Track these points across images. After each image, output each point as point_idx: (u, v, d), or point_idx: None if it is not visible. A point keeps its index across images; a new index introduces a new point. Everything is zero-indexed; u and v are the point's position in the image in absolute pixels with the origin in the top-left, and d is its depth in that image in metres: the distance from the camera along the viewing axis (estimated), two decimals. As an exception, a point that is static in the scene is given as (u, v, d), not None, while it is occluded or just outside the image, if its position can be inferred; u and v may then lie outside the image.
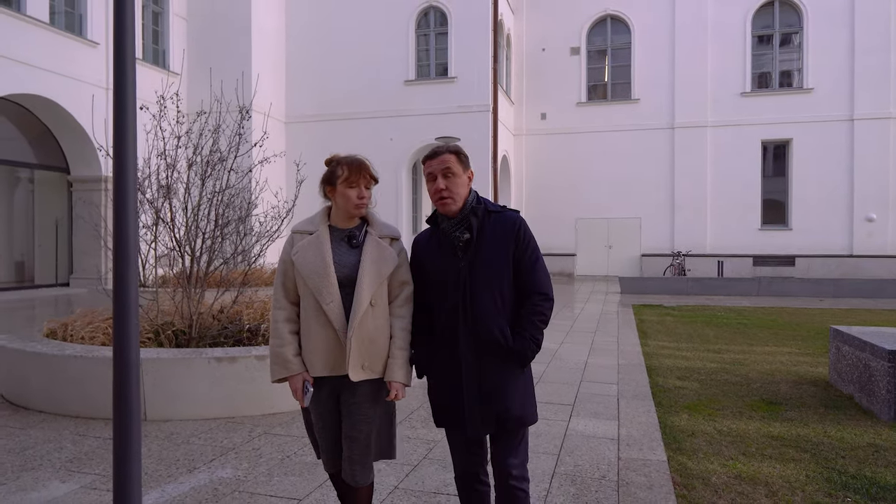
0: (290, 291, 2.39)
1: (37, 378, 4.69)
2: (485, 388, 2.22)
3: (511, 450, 2.28)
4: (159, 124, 6.40)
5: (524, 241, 2.27)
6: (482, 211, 2.30)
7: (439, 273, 2.29)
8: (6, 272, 15.85)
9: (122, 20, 3.09)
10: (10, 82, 13.74)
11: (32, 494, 3.17)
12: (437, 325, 2.31)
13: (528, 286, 2.26)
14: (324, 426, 2.39)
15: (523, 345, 2.21)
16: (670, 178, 21.09)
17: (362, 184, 2.36)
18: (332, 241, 2.37)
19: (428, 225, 2.42)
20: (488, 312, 2.21)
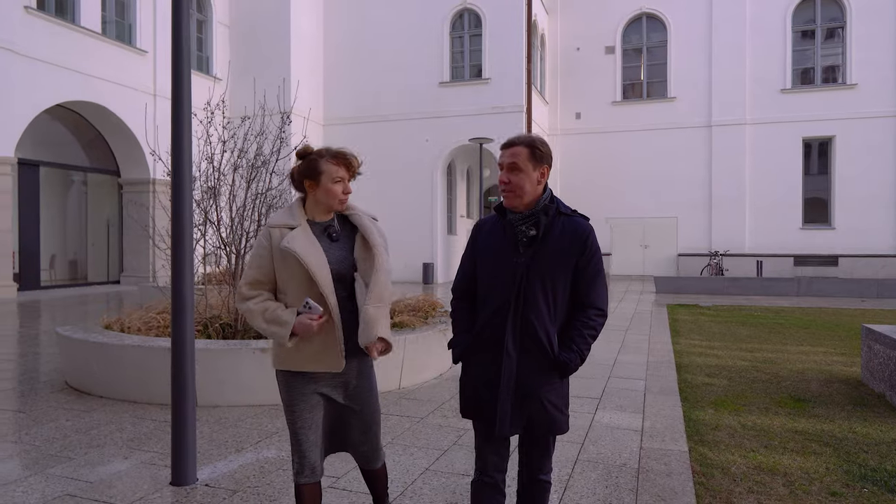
0: (265, 284, 2.31)
1: (98, 366, 5.09)
2: (521, 390, 2.17)
3: (540, 455, 2.28)
4: (206, 130, 6.78)
5: (590, 252, 2.18)
6: (553, 211, 2.20)
7: (495, 264, 2.22)
8: (61, 270, 16.70)
9: (178, 40, 3.42)
10: (65, 90, 14.51)
11: (99, 468, 3.51)
12: (482, 316, 2.23)
13: (585, 298, 2.19)
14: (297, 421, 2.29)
15: (569, 357, 2.14)
16: (707, 177, 20.85)
17: (348, 178, 2.33)
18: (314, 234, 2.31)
19: (494, 213, 2.33)
20: (540, 316, 2.14)
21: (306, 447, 2.29)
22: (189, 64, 3.54)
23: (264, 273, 2.29)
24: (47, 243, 15.86)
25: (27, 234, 14.79)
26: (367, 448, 2.44)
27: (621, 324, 10.00)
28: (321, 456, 2.35)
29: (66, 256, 16.99)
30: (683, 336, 8.83)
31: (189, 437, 3.35)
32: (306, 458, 2.28)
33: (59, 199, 16.91)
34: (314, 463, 2.30)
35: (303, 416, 2.29)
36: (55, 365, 6.30)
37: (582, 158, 22.12)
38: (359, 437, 2.42)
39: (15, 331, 8.93)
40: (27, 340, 8.07)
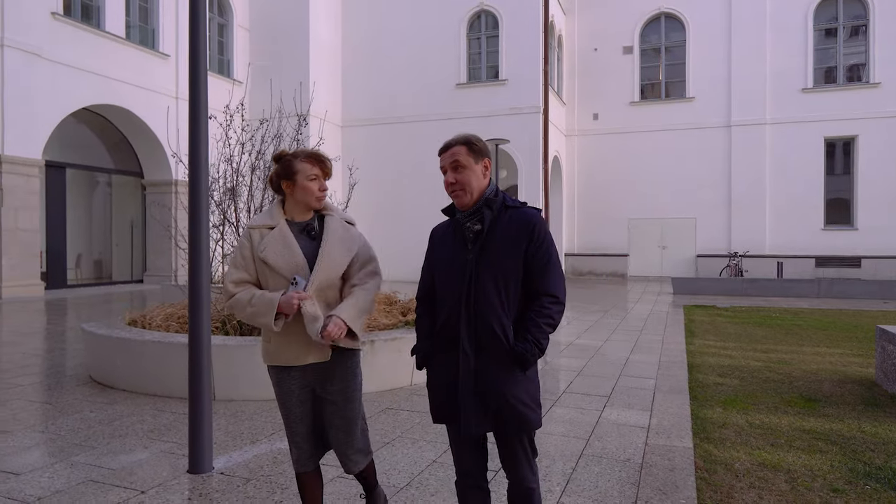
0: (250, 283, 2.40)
1: (120, 360, 5.27)
2: (482, 387, 2.12)
3: (516, 456, 2.20)
4: (226, 132, 6.96)
5: (538, 239, 2.15)
6: (498, 204, 2.21)
7: (447, 263, 2.24)
8: (87, 270, 17.11)
9: (196, 44, 3.56)
10: (91, 94, 14.88)
11: (121, 457, 3.67)
12: (440, 318, 2.22)
13: (538, 286, 2.15)
14: (290, 415, 2.41)
15: (524, 347, 2.10)
16: (727, 178, 20.67)
17: (322, 175, 2.40)
18: (293, 234, 2.39)
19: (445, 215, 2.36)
20: (491, 308, 2.11)
21: (299, 439, 2.42)
22: (206, 68, 3.68)
23: (249, 273, 2.39)
24: (73, 243, 16.26)
25: (54, 235, 15.19)
26: (349, 451, 2.45)
27: (636, 324, 10.00)
28: (316, 447, 2.47)
29: (91, 256, 17.40)
30: (698, 337, 8.82)
31: (205, 427, 3.49)
32: (301, 449, 2.42)
33: (85, 200, 17.33)
34: (309, 453, 2.43)
35: (293, 411, 2.40)
36: (80, 360, 6.51)
37: (599, 159, 22.07)
38: (342, 438, 2.44)
39: (42, 327, 9.21)
40: (54, 337, 8.33)
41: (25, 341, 7.86)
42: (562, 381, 5.88)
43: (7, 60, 12.77)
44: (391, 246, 16.13)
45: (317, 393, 2.42)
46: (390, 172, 19.24)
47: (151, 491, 3.18)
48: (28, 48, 13.16)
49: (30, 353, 7.01)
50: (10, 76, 12.83)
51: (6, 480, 3.30)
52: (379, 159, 19.43)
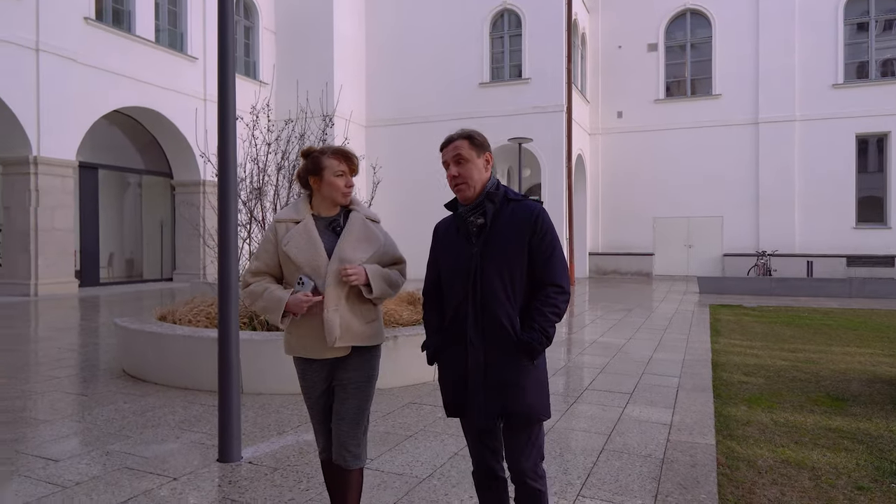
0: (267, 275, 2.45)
1: (152, 354, 5.43)
2: (491, 379, 2.15)
3: (521, 448, 2.19)
4: (252, 133, 7.11)
5: (541, 231, 2.17)
6: (500, 197, 2.23)
7: (452, 258, 2.25)
8: (119, 268, 17.54)
9: (224, 48, 3.66)
10: (122, 96, 15.25)
11: (153, 446, 3.79)
12: (447, 313, 2.26)
13: (542, 277, 2.17)
14: (313, 406, 2.49)
15: (531, 336, 2.12)
16: (754, 175, 20.35)
17: (349, 171, 2.42)
18: (318, 229, 2.41)
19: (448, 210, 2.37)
20: (497, 300, 2.14)
21: (324, 429, 2.50)
22: (234, 72, 3.79)
23: (268, 265, 2.43)
24: (106, 242, 16.67)
25: (87, 234, 15.60)
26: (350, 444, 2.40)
27: (660, 323, 9.93)
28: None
29: (122, 255, 17.83)
30: (724, 336, 8.73)
31: (234, 418, 3.59)
32: (322, 437, 2.51)
33: (117, 200, 17.76)
34: (327, 439, 2.50)
35: (316, 403, 2.48)
36: (113, 354, 6.71)
37: (624, 157, 21.89)
38: (345, 429, 2.40)
39: (77, 323, 9.49)
40: (88, 332, 8.58)
41: (61, 336, 8.12)
42: (584, 379, 5.89)
43: (42, 65, 13.16)
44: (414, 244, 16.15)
45: (333, 386, 2.46)
46: (414, 172, 19.33)
47: (183, 478, 3.30)
48: (62, 53, 13.54)
49: (65, 348, 7.24)
50: (45, 80, 13.22)
51: (46, 466, 3.44)
52: (402, 159, 19.54)
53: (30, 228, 13.11)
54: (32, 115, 13.06)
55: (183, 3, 17.19)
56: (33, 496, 3.05)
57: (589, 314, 11.26)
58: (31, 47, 12.98)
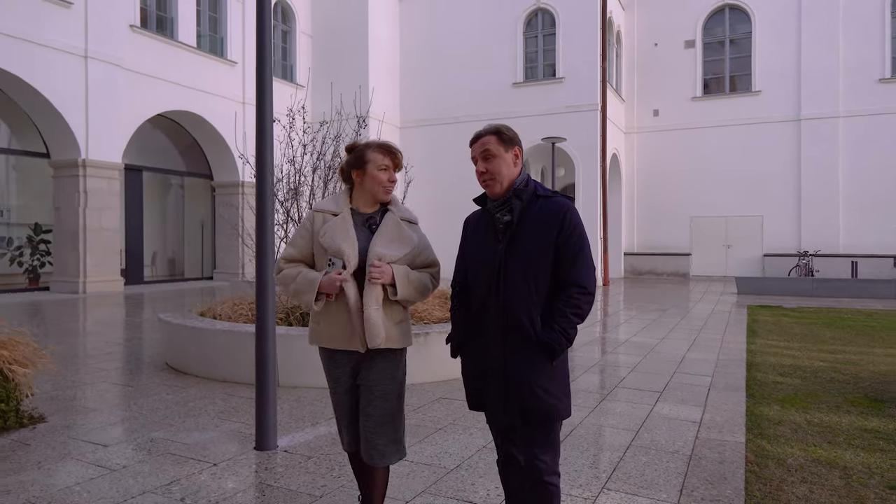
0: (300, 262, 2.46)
1: (194, 348, 5.65)
2: (510, 377, 2.14)
3: (540, 444, 2.17)
4: (289, 135, 7.31)
5: (569, 229, 2.13)
6: (529, 194, 2.20)
7: (478, 254, 2.26)
8: (161, 267, 18.11)
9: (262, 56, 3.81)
10: (165, 101, 15.76)
11: (194, 434, 3.97)
12: (472, 307, 2.26)
13: (566, 277, 2.13)
14: (339, 402, 2.49)
15: (551, 337, 2.09)
16: (796, 174, 19.84)
17: (392, 167, 2.42)
18: (354, 224, 2.40)
19: (477, 205, 2.36)
20: (519, 298, 2.12)
21: (346, 422, 2.49)
22: (272, 79, 3.94)
23: (302, 253, 2.45)
24: (149, 242, 17.25)
25: (132, 234, 16.17)
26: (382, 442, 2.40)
27: (696, 324, 9.81)
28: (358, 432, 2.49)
29: (165, 254, 18.40)
30: (760, 336, 8.59)
31: (270, 409, 3.74)
32: (349, 432, 2.50)
33: (160, 201, 18.34)
34: (352, 435, 2.49)
35: (341, 398, 2.48)
36: (157, 348, 6.99)
37: (660, 156, 21.60)
38: (370, 427, 2.39)
39: (122, 319, 9.88)
40: (133, 328, 8.93)
41: (108, 331, 8.47)
42: (615, 377, 5.89)
43: (91, 71, 13.70)
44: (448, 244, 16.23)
45: (359, 385, 2.44)
46: (448, 172, 19.43)
47: (222, 464, 3.46)
48: (109, 59, 14.08)
49: (112, 342, 7.56)
50: (93, 86, 13.76)
51: (95, 451, 3.65)
52: (436, 159, 19.65)
53: (79, 228, 13.66)
54: (81, 119, 13.61)
55: (223, 10, 17.66)
56: (84, 477, 3.24)
57: (623, 314, 11.19)
58: (81, 55, 13.53)
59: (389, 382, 2.41)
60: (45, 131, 13.85)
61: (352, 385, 2.46)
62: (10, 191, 14.93)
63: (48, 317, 9.95)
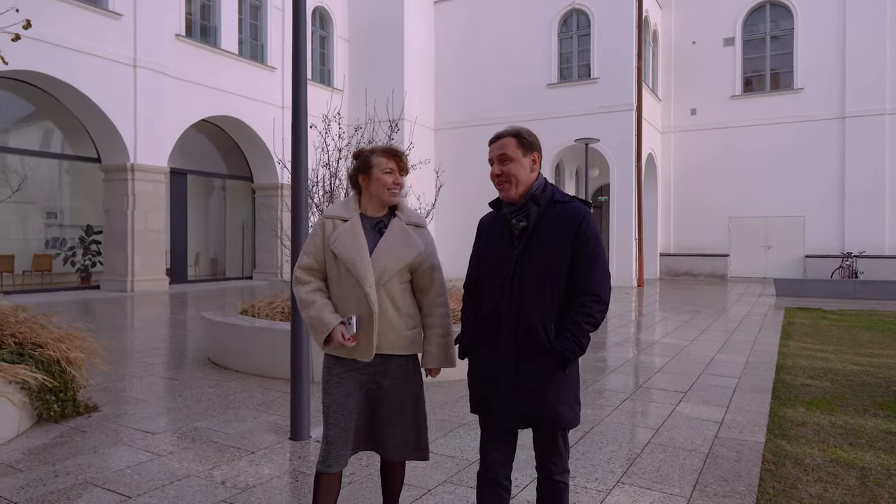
0: (318, 271, 2.44)
1: (234, 344, 5.96)
2: (520, 383, 2.14)
3: (550, 448, 2.21)
4: (324, 139, 7.58)
5: (585, 235, 2.12)
6: (546, 200, 2.18)
7: (493, 258, 2.24)
8: (204, 267, 18.75)
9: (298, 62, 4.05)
10: (209, 107, 16.34)
11: (234, 424, 4.24)
12: (483, 311, 2.25)
13: (581, 284, 2.12)
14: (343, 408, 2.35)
15: (564, 345, 2.08)
16: (839, 173, 19.32)
17: (398, 170, 2.42)
18: (364, 229, 2.39)
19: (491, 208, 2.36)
20: (533, 305, 2.11)
21: (334, 434, 2.34)
22: (306, 86, 4.17)
23: (317, 260, 2.42)
24: (192, 243, 17.88)
25: (177, 235, 16.80)
26: (402, 441, 2.41)
27: (729, 326, 9.74)
28: (348, 448, 2.38)
29: (207, 255, 19.04)
30: (795, 339, 8.49)
31: (304, 402, 3.98)
32: (333, 446, 2.34)
33: (203, 203, 18.99)
34: (338, 453, 2.34)
35: (338, 401, 2.35)
36: (200, 345, 7.35)
37: (697, 156, 21.30)
38: (391, 431, 2.40)
39: (167, 317, 10.34)
40: (177, 325, 9.36)
41: (154, 328, 8.91)
42: (639, 377, 5.97)
43: (139, 80, 14.32)
44: (481, 245, 16.45)
45: (368, 389, 2.39)
46: (481, 173, 19.55)
47: (260, 452, 3.71)
48: (156, 67, 14.69)
49: (158, 338, 7.97)
50: (141, 93, 14.38)
51: (145, 438, 3.94)
52: (470, 160, 19.80)
53: (127, 230, 14.29)
54: (130, 126, 14.24)
55: (264, 17, 18.19)
56: (134, 461, 3.53)
57: (655, 315, 11.16)
58: (130, 64, 14.15)
59: (401, 387, 2.40)
60: (96, 137, 14.53)
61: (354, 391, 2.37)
62: (63, 194, 15.70)
63: (98, 314, 10.48)
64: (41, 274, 14.62)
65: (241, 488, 3.18)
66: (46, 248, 15.25)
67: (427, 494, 3.14)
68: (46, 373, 4.08)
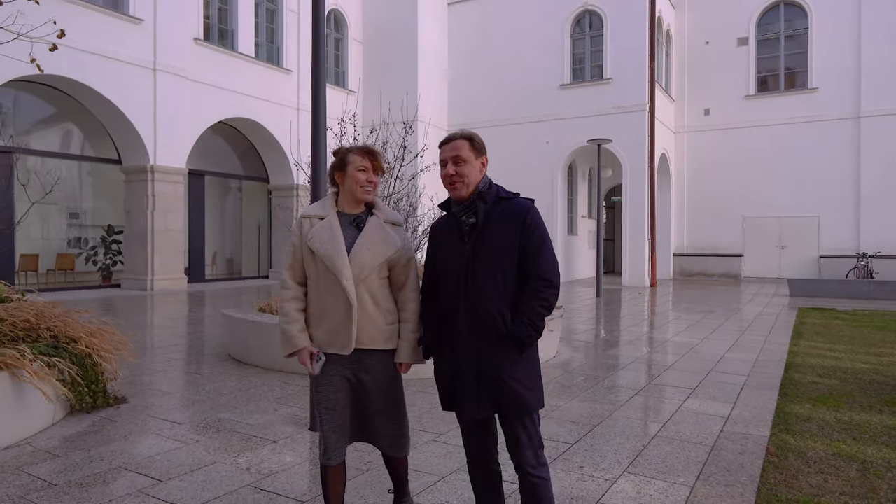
0: (297, 273, 2.52)
1: (254, 340, 6.15)
2: (482, 371, 2.24)
3: (519, 439, 2.27)
4: (339, 141, 7.77)
5: (530, 227, 2.25)
6: (492, 197, 2.32)
7: (447, 256, 2.36)
8: (221, 266, 19.06)
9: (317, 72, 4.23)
10: (226, 109, 16.62)
11: (256, 416, 4.43)
12: (443, 308, 2.35)
13: (531, 271, 2.24)
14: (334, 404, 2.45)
15: (520, 329, 2.20)
16: (855, 172, 19.22)
17: (371, 168, 2.48)
18: (342, 225, 2.47)
19: (441, 210, 2.49)
20: (488, 294, 2.23)
21: (329, 429, 2.45)
22: (325, 88, 4.35)
23: (297, 259, 2.52)
24: (210, 242, 18.18)
25: (194, 235, 17.09)
26: (389, 434, 2.53)
27: (740, 325, 9.80)
28: (345, 440, 2.50)
29: (224, 254, 19.35)
30: (806, 338, 8.55)
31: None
32: (329, 440, 2.45)
33: (219, 203, 19.30)
34: (335, 446, 2.46)
35: (327, 398, 2.45)
36: (219, 341, 7.56)
37: (711, 156, 21.28)
38: (380, 425, 2.52)
39: (186, 314, 10.59)
40: (196, 322, 9.60)
41: (175, 325, 9.15)
42: (648, 374, 6.08)
43: (159, 83, 14.63)
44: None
45: (354, 383, 2.47)
46: (494, 174, 19.63)
47: (281, 441, 3.89)
48: (175, 71, 14.99)
49: (178, 335, 8.20)
50: (160, 96, 14.69)
51: (172, 427, 4.14)
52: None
53: (147, 230, 14.60)
54: (150, 128, 14.55)
55: (279, 20, 18.45)
56: (164, 449, 3.72)
57: (668, 315, 11.24)
58: (150, 67, 14.46)
59: (385, 381, 2.48)
60: (117, 139, 14.86)
61: (342, 384, 2.46)
62: (85, 195, 16.07)
63: (120, 311, 10.75)
64: (64, 273, 14.98)
65: (264, 474, 3.35)
66: (69, 247, 15.63)
67: (441, 481, 3.29)
68: (79, 366, 4.29)
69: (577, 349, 7.51)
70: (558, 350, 7.17)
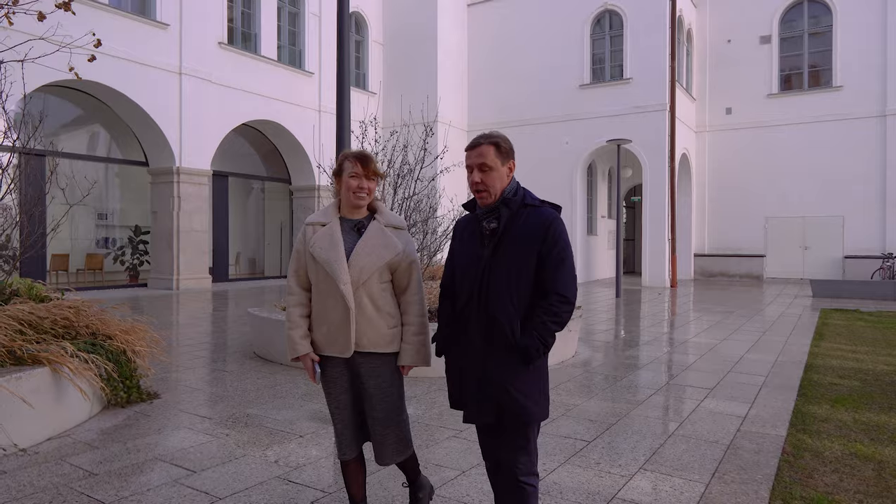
0: (301, 278, 2.58)
1: (278, 339, 6.32)
2: (487, 378, 2.22)
3: (516, 446, 2.26)
4: (361, 143, 7.92)
5: (552, 239, 2.21)
6: (517, 203, 2.27)
7: (465, 258, 2.34)
8: (244, 266, 19.39)
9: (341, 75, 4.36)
10: (249, 111, 16.91)
11: (282, 412, 4.58)
12: (457, 309, 2.35)
13: (548, 285, 2.20)
14: (343, 403, 2.56)
15: (528, 343, 2.17)
16: (881, 172, 18.92)
17: (363, 175, 2.49)
18: (343, 230, 2.52)
19: (465, 210, 2.48)
20: (501, 303, 2.20)
21: (340, 427, 2.59)
22: (349, 92, 4.49)
23: (301, 265, 2.59)
24: (233, 243, 18.51)
25: (219, 235, 17.41)
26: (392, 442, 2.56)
27: (761, 326, 9.76)
28: (355, 436, 2.60)
29: (246, 254, 19.68)
30: (827, 340, 8.50)
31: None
32: (343, 436, 2.59)
33: (242, 204, 19.63)
34: (349, 441, 2.58)
35: (337, 398, 2.57)
36: (244, 339, 7.76)
37: (733, 155, 21.09)
38: (379, 430, 2.55)
39: (211, 313, 10.84)
40: (221, 321, 9.83)
41: (200, 324, 9.38)
42: (667, 375, 6.13)
43: (185, 86, 14.95)
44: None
45: (357, 384, 2.55)
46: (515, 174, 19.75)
47: (307, 436, 4.03)
48: (200, 75, 15.30)
49: (204, 333, 8.42)
50: (186, 100, 15.01)
51: (203, 421, 4.31)
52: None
53: (173, 230, 14.93)
54: (176, 130, 14.88)
55: (301, 24, 18.72)
56: (196, 442, 3.89)
57: (688, 315, 11.22)
58: (175, 71, 14.79)
59: (387, 385, 2.53)
60: (144, 142, 15.21)
61: (348, 385, 2.56)
62: (113, 196, 16.47)
63: (147, 310, 11.03)
64: (93, 272, 15.38)
65: (292, 466, 3.50)
66: (97, 247, 16.03)
67: (461, 475, 3.40)
68: (114, 362, 4.47)
69: (597, 349, 7.57)
70: (577, 349, 7.25)
